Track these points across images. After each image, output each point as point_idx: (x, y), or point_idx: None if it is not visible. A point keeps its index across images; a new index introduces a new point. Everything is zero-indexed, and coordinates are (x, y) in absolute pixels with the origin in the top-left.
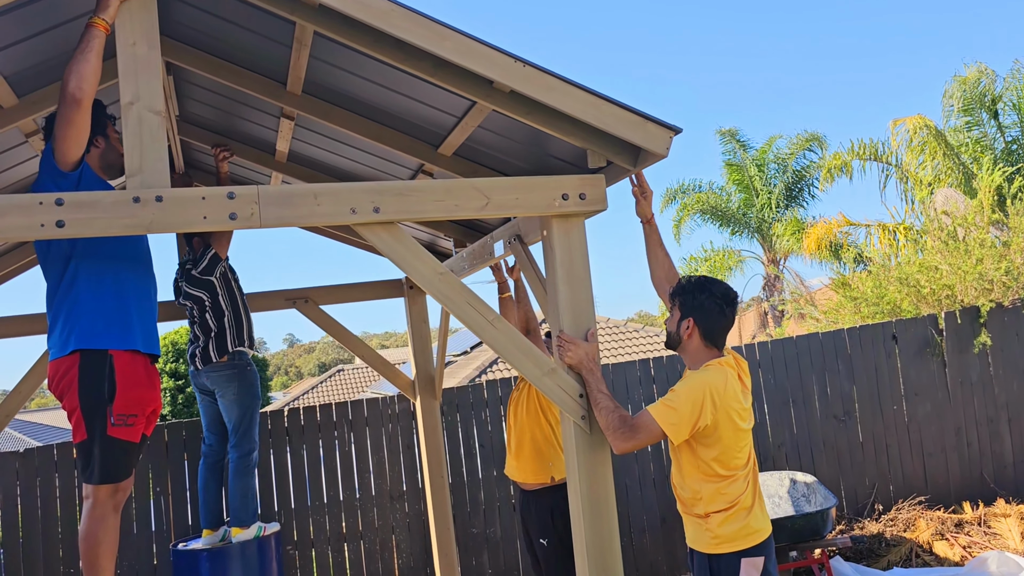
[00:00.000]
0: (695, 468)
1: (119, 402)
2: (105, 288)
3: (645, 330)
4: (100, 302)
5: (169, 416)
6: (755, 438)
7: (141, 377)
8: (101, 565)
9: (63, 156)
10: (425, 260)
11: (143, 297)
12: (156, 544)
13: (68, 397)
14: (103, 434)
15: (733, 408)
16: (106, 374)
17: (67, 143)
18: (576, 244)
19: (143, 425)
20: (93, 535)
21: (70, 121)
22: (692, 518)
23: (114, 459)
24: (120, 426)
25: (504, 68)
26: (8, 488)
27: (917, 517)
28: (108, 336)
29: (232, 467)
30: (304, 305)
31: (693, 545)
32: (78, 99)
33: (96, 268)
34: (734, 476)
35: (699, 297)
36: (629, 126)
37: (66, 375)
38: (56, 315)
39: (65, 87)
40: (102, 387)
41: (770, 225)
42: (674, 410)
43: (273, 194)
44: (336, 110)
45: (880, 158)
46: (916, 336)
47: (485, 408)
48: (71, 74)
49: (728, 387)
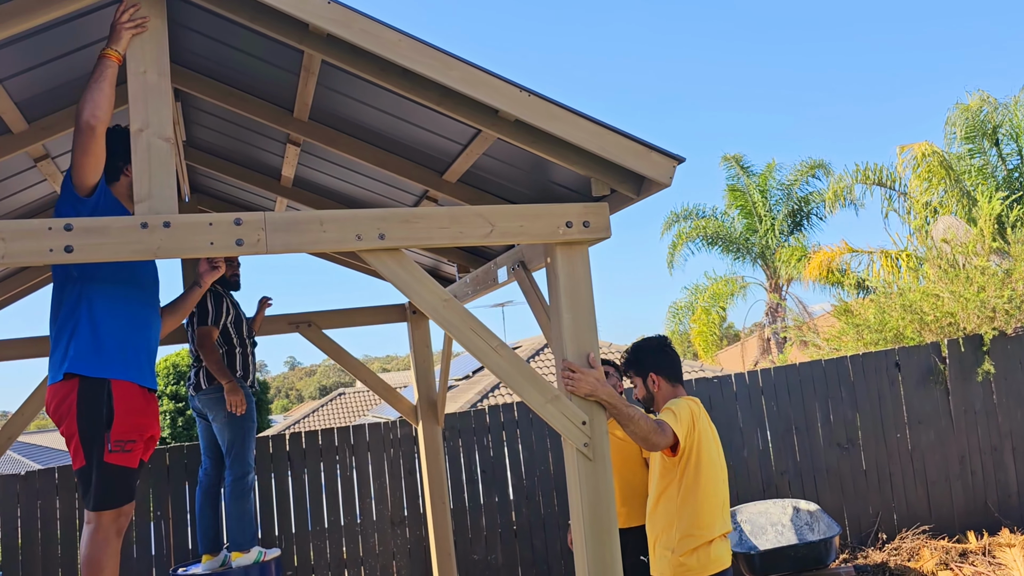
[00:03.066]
0: (675, 494)
1: (117, 428)
2: (108, 315)
3: None
4: (102, 329)
5: (169, 439)
6: (758, 465)
7: (139, 404)
8: None
9: (80, 181)
10: (429, 287)
11: (145, 327)
12: (156, 569)
13: (67, 423)
14: (100, 460)
15: (707, 434)
16: (104, 400)
17: (83, 170)
18: (580, 271)
19: (141, 451)
20: (96, 561)
21: (85, 149)
22: (660, 550)
23: (112, 485)
24: (118, 452)
25: (509, 97)
26: (9, 511)
27: (921, 546)
28: (108, 364)
29: (228, 491)
30: (307, 329)
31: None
32: (92, 126)
33: (102, 294)
34: (709, 506)
35: (644, 355)
36: (633, 155)
37: (64, 400)
38: (58, 337)
39: (80, 116)
40: (100, 413)
41: (773, 252)
42: (677, 417)
43: (279, 220)
44: (342, 137)
45: (884, 183)
46: (919, 364)
47: (487, 434)
48: (85, 103)
49: (702, 413)
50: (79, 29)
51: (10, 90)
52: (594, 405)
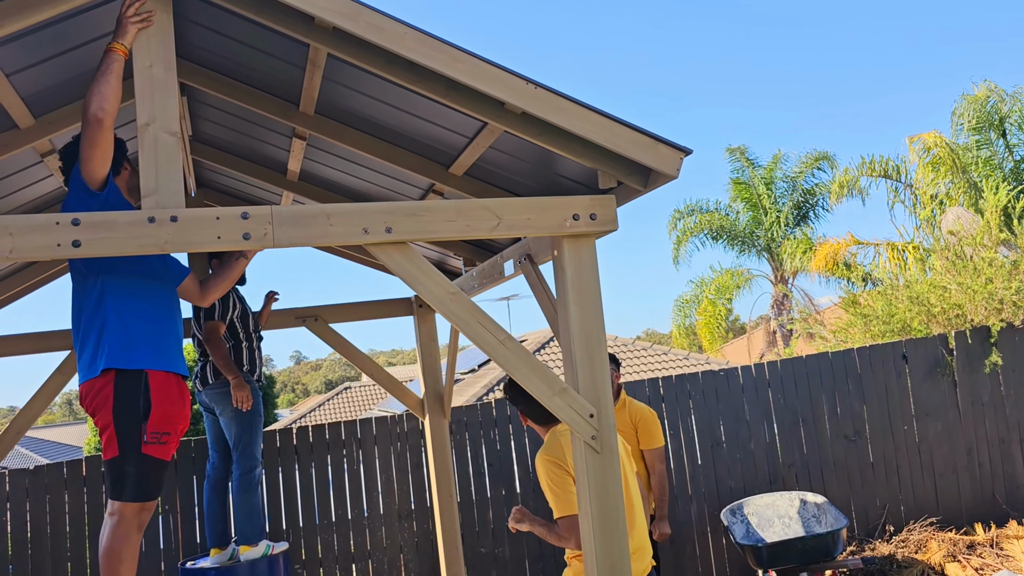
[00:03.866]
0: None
1: (154, 420)
2: (134, 307)
3: (653, 348)
4: (131, 321)
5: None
6: (765, 458)
7: (175, 395)
8: None
9: (90, 175)
10: (436, 280)
11: (170, 314)
12: (165, 562)
13: (102, 414)
14: (137, 452)
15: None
16: (141, 392)
17: (93, 163)
18: (587, 264)
19: (175, 444)
20: (117, 553)
21: (93, 142)
22: (570, 561)
23: (147, 477)
24: (154, 444)
25: (515, 90)
26: (18, 505)
27: (929, 538)
28: (142, 355)
29: (235, 484)
30: (314, 323)
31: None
32: (100, 119)
33: (124, 288)
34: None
35: (512, 397)
36: (640, 147)
37: (100, 392)
38: (87, 334)
39: (87, 109)
40: (137, 405)
41: (779, 244)
42: (555, 495)
43: (286, 214)
44: (348, 130)
45: (890, 175)
46: (926, 356)
47: (494, 427)
48: (92, 96)
49: (565, 451)
50: (85, 24)
51: (17, 85)
52: (601, 396)
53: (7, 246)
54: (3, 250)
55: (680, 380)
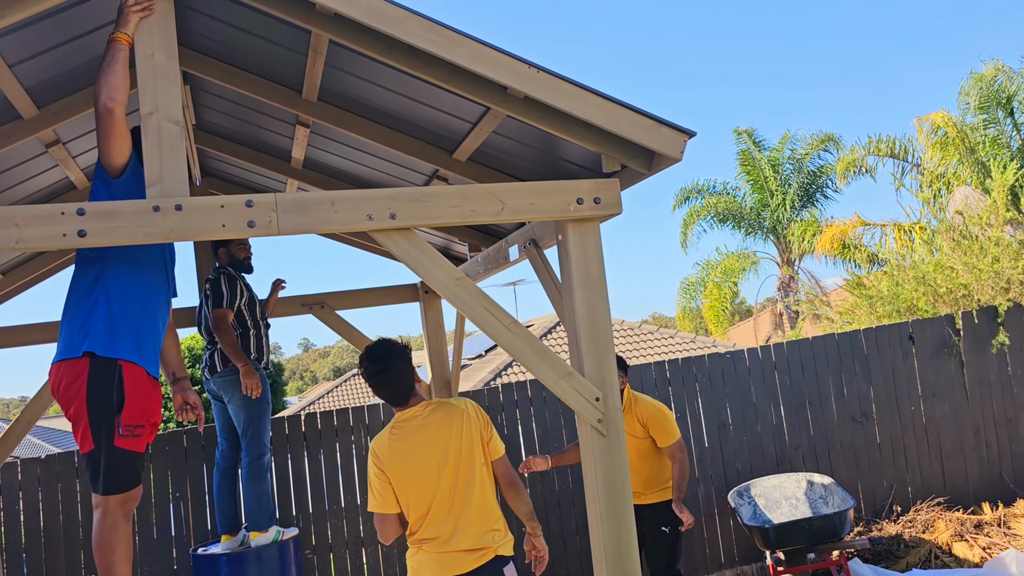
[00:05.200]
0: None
1: (127, 412)
2: (123, 299)
3: (660, 332)
4: (117, 312)
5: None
6: (772, 440)
7: (147, 389)
8: (118, 572)
9: (108, 164)
10: (441, 265)
11: (155, 316)
12: (176, 549)
13: (75, 406)
14: (110, 444)
15: (395, 463)
16: (115, 384)
17: (109, 153)
18: (591, 248)
19: (148, 435)
20: (108, 543)
21: (107, 132)
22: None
23: (122, 469)
24: (128, 437)
25: (518, 74)
26: (30, 494)
27: (936, 518)
28: (121, 347)
29: (244, 472)
30: (320, 310)
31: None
32: (111, 110)
33: (119, 278)
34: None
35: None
36: (643, 130)
37: (74, 382)
38: (75, 314)
39: (97, 101)
40: (111, 397)
41: (785, 226)
42: (370, 488)
43: (291, 201)
44: (351, 117)
45: (897, 155)
46: (933, 336)
47: (501, 412)
48: (101, 87)
49: (383, 449)
50: (86, 13)
51: (19, 76)
52: (607, 380)
53: (13, 236)
54: (9, 240)
55: (687, 363)
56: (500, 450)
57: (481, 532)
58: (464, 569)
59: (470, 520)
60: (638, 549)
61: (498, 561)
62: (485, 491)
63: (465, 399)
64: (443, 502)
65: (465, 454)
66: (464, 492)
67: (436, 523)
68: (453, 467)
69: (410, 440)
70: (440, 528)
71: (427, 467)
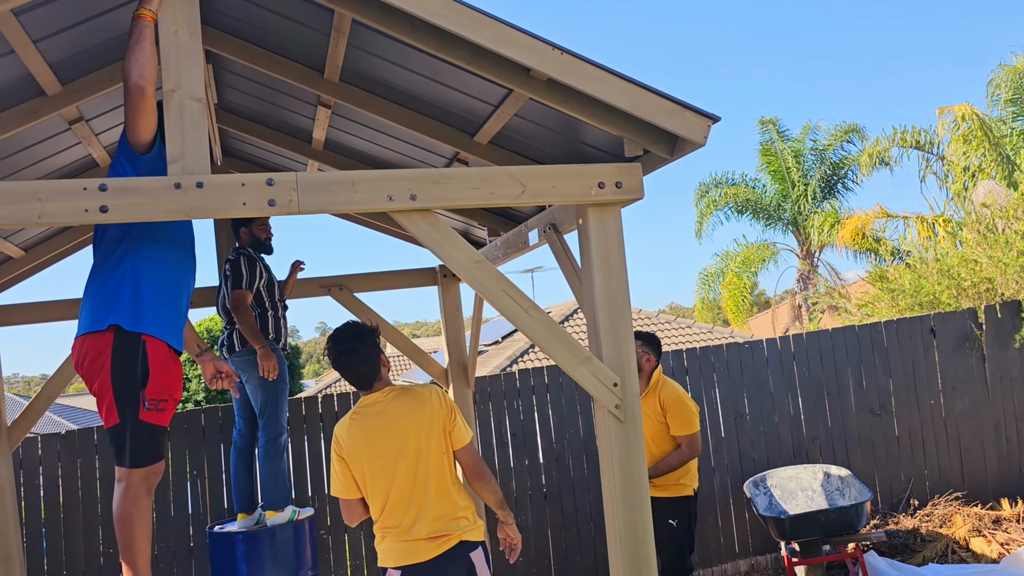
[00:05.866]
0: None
1: (151, 387)
2: (150, 275)
3: (677, 321)
4: (144, 287)
5: (203, 403)
6: (789, 431)
7: (170, 365)
8: (137, 545)
9: (136, 140)
10: (461, 248)
11: (180, 292)
12: (193, 527)
13: (100, 381)
14: (135, 419)
15: (357, 453)
16: (139, 358)
17: (138, 130)
18: (612, 233)
19: (172, 410)
20: (128, 516)
21: (137, 109)
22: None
23: (147, 443)
24: (152, 411)
25: (542, 56)
26: (50, 469)
27: (954, 513)
28: (145, 321)
29: (261, 451)
30: (339, 292)
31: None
32: (142, 87)
33: (146, 254)
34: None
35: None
36: (667, 115)
37: (99, 357)
38: (100, 290)
39: (128, 79)
40: (135, 371)
41: (806, 218)
42: (333, 479)
43: (311, 181)
44: (373, 98)
45: (922, 147)
46: (955, 330)
47: (517, 397)
48: (131, 65)
49: (343, 435)
50: None
51: (44, 52)
52: (625, 366)
53: (36, 211)
54: (32, 215)
55: (704, 352)
56: (464, 439)
57: (442, 520)
58: (426, 556)
59: (430, 508)
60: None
61: (463, 547)
62: (445, 480)
63: (432, 386)
64: (402, 490)
65: (423, 442)
66: (424, 480)
67: (397, 511)
68: (412, 455)
69: (369, 426)
70: (401, 516)
71: (385, 454)
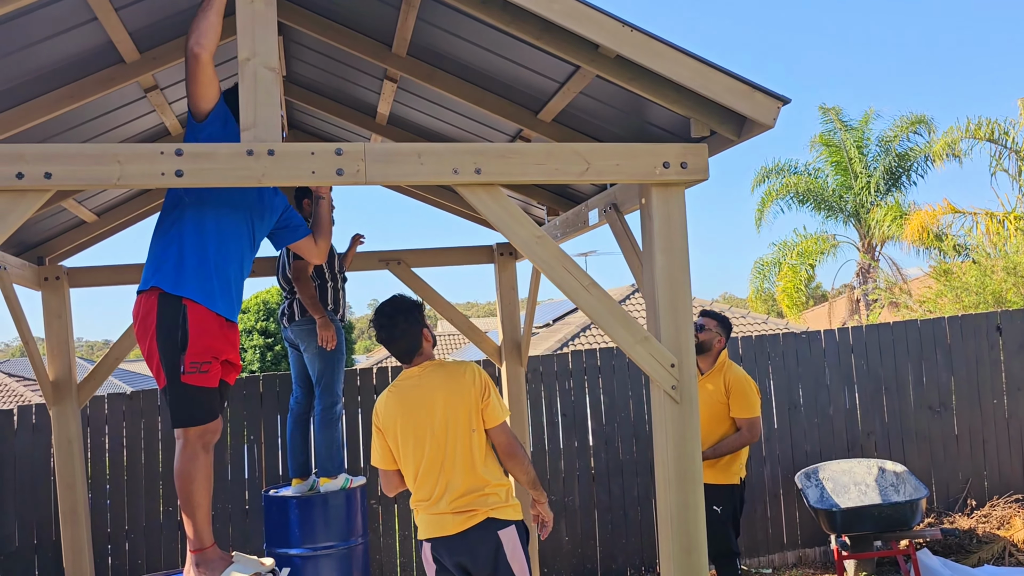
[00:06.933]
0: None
1: (191, 350)
2: (201, 242)
3: (732, 311)
4: (190, 253)
5: (259, 371)
6: (844, 424)
7: (212, 328)
8: (196, 501)
9: (194, 108)
10: (523, 223)
11: (228, 259)
12: (248, 490)
13: (148, 342)
14: (177, 381)
15: (393, 423)
16: (180, 323)
17: (194, 97)
18: (675, 214)
19: (219, 371)
20: (187, 473)
21: (193, 76)
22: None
23: (190, 404)
24: (193, 373)
25: (611, 32)
26: (115, 428)
27: (1013, 515)
28: (186, 286)
29: (317, 419)
30: (397, 267)
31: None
32: (196, 54)
33: (198, 219)
34: (414, 480)
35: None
36: (736, 95)
37: (147, 316)
38: (152, 252)
39: (187, 44)
40: (176, 336)
41: (868, 210)
42: (373, 449)
43: (379, 151)
44: (439, 73)
45: (996, 140)
46: (1022, 328)
47: (569, 378)
48: (192, 32)
49: (381, 406)
50: None
51: (125, 19)
52: (683, 347)
53: (115, 173)
54: (111, 177)
55: (760, 341)
56: (498, 418)
57: (470, 495)
58: (452, 530)
59: (457, 483)
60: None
61: (490, 524)
62: (474, 456)
63: (469, 363)
64: (432, 464)
65: (452, 418)
66: (452, 455)
67: (426, 484)
68: (441, 429)
69: (404, 399)
70: (430, 489)
71: (417, 427)
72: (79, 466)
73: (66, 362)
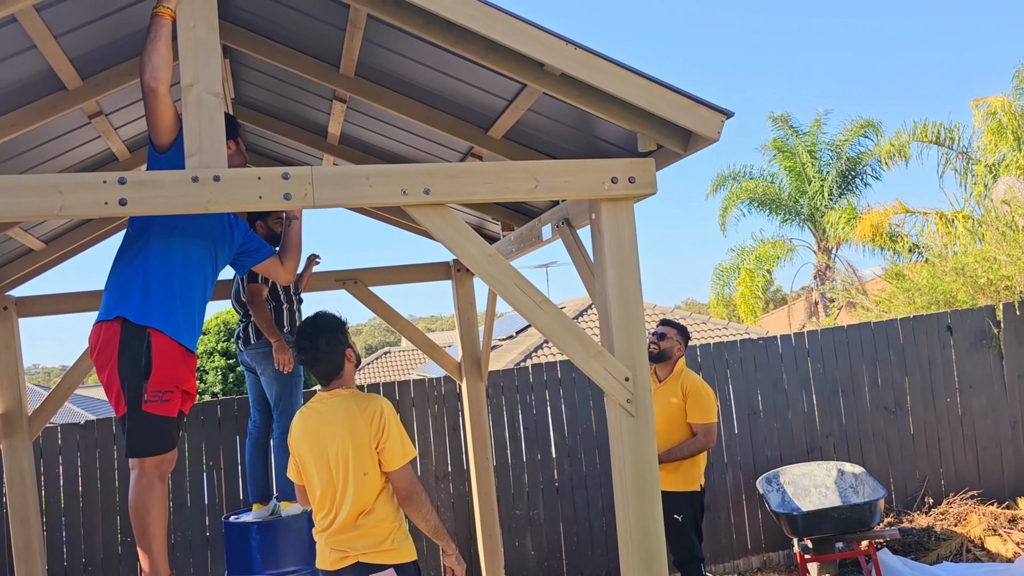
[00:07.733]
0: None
1: (154, 379)
2: (166, 272)
3: (692, 317)
4: (155, 283)
5: (220, 395)
6: (803, 427)
7: (176, 358)
8: (152, 532)
9: (156, 140)
10: (474, 242)
11: (192, 291)
12: (209, 516)
13: (108, 371)
14: (138, 409)
15: (302, 448)
16: (144, 351)
17: (155, 129)
18: (625, 228)
19: (179, 400)
20: (142, 504)
21: (151, 110)
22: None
23: (150, 433)
24: (155, 402)
25: (555, 51)
26: (69, 458)
27: (969, 512)
28: (152, 315)
29: (276, 442)
30: (354, 286)
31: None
32: (153, 88)
33: (162, 250)
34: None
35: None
36: (681, 110)
37: (108, 345)
38: (116, 282)
39: (141, 79)
40: (139, 364)
41: (823, 214)
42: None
43: (326, 175)
44: (388, 93)
45: (942, 142)
46: (972, 327)
47: (530, 392)
48: (144, 66)
49: (294, 424)
50: None
51: (65, 46)
52: (637, 360)
53: (57, 204)
54: (53, 208)
55: (718, 348)
56: (393, 463)
57: (347, 535)
58: (329, 567)
59: (340, 520)
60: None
61: (360, 568)
62: (364, 498)
63: (375, 400)
64: (324, 495)
65: (343, 459)
66: (343, 493)
67: (320, 512)
68: (334, 466)
69: (307, 425)
70: (322, 519)
71: (315, 457)
72: (32, 500)
73: (16, 394)
